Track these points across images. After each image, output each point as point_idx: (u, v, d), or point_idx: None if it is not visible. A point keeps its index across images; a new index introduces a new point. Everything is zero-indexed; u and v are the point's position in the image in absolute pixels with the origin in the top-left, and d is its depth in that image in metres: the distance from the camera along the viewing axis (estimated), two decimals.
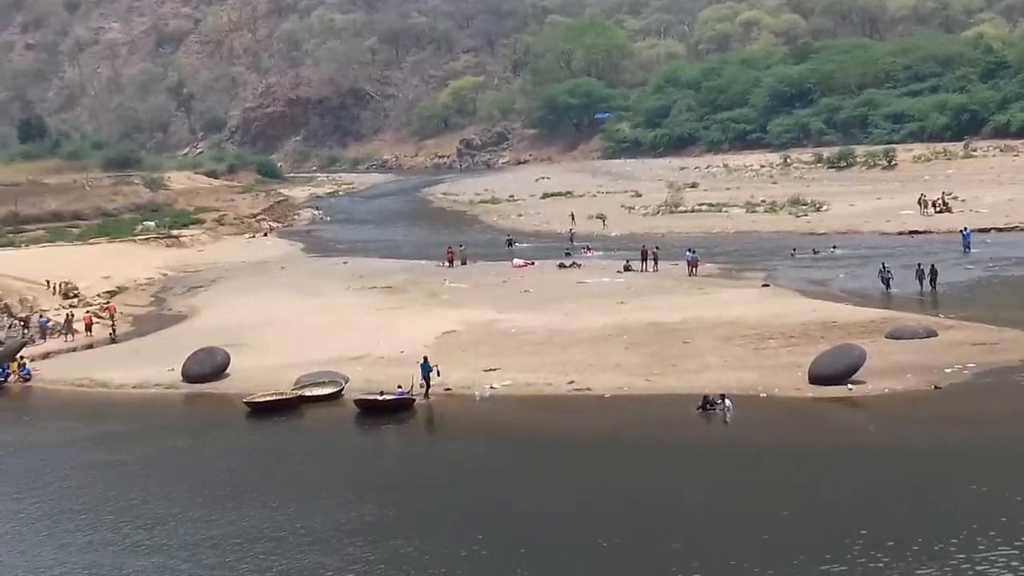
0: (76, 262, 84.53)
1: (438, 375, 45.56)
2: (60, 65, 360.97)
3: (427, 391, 45.23)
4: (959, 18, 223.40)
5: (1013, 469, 33.58)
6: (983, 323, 51.62)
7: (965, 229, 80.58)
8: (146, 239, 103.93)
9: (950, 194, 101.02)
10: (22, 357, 55.09)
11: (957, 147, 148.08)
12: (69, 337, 62.84)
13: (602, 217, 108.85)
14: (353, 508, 33.07)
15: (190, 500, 34.66)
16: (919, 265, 63.90)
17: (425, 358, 46.21)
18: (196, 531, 31.81)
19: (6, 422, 47.62)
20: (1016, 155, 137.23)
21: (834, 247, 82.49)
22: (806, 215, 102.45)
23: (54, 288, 74.42)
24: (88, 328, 64.37)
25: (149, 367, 52.82)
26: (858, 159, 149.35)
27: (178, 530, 32.03)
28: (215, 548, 30.44)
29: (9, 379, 53.31)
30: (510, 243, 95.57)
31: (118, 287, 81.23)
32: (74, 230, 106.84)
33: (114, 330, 63.75)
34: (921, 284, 62.28)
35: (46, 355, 58.67)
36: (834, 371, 43.22)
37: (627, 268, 75.15)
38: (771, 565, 27.30)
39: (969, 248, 76.65)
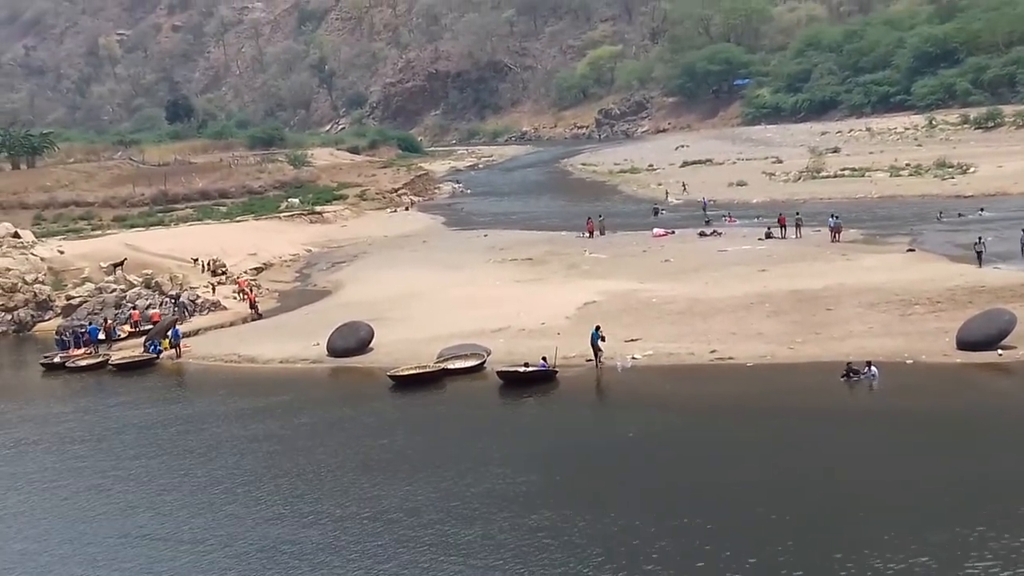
0: (223, 240, 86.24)
1: (603, 340, 45.42)
2: (205, 46, 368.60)
3: (597, 360, 45.26)
4: None
5: None
6: None
7: None
8: (290, 216, 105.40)
9: None
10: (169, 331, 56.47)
11: None
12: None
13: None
14: (503, 479, 33.34)
15: (345, 473, 35.31)
16: None
17: (597, 327, 46.08)
18: (360, 504, 32.35)
19: (162, 397, 48.90)
20: None
21: (982, 210, 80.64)
22: (952, 178, 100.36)
23: (202, 266, 76.00)
24: (242, 292, 66.41)
25: (295, 342, 53.78)
26: (1007, 119, 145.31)
27: (343, 502, 32.62)
28: (379, 520, 30.90)
29: (162, 355, 54.78)
30: (656, 212, 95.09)
31: (264, 264, 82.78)
32: (221, 208, 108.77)
33: (254, 306, 64.78)
34: None
35: (196, 332, 60.02)
36: (983, 336, 42.38)
37: (768, 235, 74.39)
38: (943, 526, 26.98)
39: None
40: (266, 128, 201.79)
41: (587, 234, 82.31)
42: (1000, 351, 41.67)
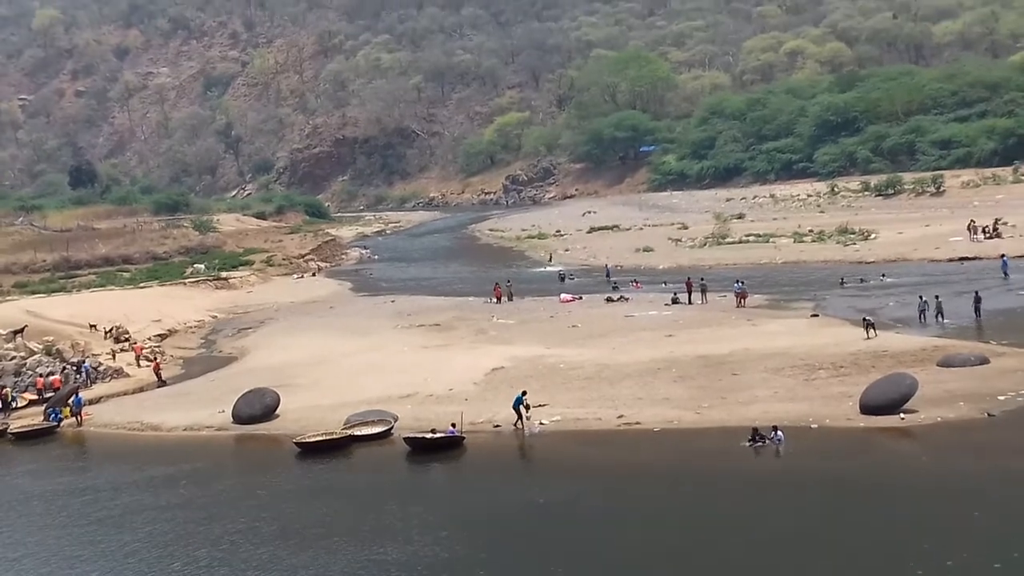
0: (127, 306, 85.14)
1: (527, 409, 45.50)
2: (110, 111, 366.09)
3: (519, 422, 45.24)
4: (1006, 43, 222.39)
5: None
6: None
7: (1004, 256, 79.98)
8: (196, 282, 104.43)
9: (1001, 220, 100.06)
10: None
11: (1006, 172, 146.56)
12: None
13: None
14: (407, 548, 32.98)
15: (243, 543, 34.71)
16: (976, 293, 63.20)
17: (524, 392, 46.23)
18: (277, 574, 31.90)
19: (67, 466, 47.96)
20: None
21: (883, 275, 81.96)
22: (854, 244, 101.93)
23: (103, 332, 74.95)
24: (138, 360, 65.56)
25: (200, 409, 53.13)
26: (906, 186, 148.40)
27: (260, 573, 32.11)
28: None
29: (62, 423, 53.85)
30: (562, 278, 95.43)
31: (168, 330, 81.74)
32: (124, 274, 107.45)
33: (158, 373, 63.85)
34: (976, 313, 61.37)
35: (98, 399, 59.05)
36: (886, 400, 42.86)
37: (675, 301, 74.92)
38: None
39: (1008, 275, 75.93)
40: (171, 193, 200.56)
41: (495, 300, 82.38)
42: (902, 415, 42.15)
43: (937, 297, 62.31)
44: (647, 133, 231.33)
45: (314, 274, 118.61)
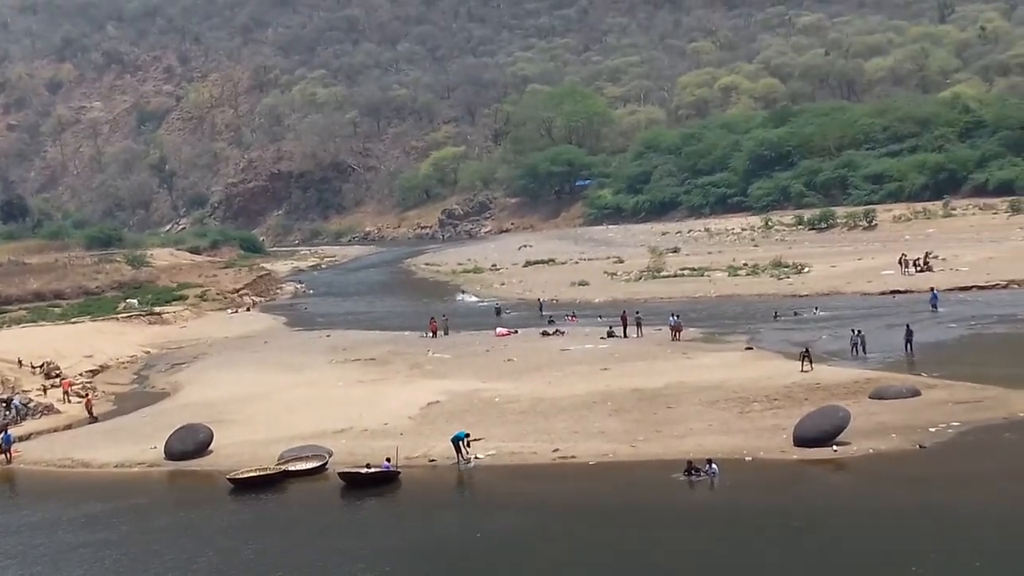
0: (58, 342, 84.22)
1: (468, 447, 45.37)
2: (42, 145, 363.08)
3: (459, 459, 44.98)
4: (935, 79, 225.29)
5: (998, 528, 33.51)
6: (966, 381, 51.56)
7: (933, 290, 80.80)
8: (129, 317, 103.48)
9: (932, 253, 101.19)
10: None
11: (937, 206, 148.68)
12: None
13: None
14: None
15: None
16: (908, 326, 63.71)
17: (467, 433, 45.97)
18: None
19: None
20: (995, 213, 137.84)
21: (816, 309, 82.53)
22: (788, 277, 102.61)
23: (34, 368, 74.06)
24: (69, 396, 64.90)
25: (132, 445, 52.55)
26: (839, 220, 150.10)
27: None
28: None
29: None
30: (498, 312, 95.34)
31: (100, 366, 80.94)
32: (56, 309, 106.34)
33: (89, 409, 63.09)
34: (908, 347, 61.80)
35: (28, 436, 58.26)
36: (819, 433, 43.13)
37: (610, 334, 75.09)
38: None
39: (936, 308, 76.67)
40: (104, 228, 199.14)
41: (430, 334, 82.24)
42: (835, 447, 42.45)
43: (860, 331, 62.88)
44: (583, 167, 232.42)
45: (248, 309, 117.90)
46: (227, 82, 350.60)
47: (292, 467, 46.24)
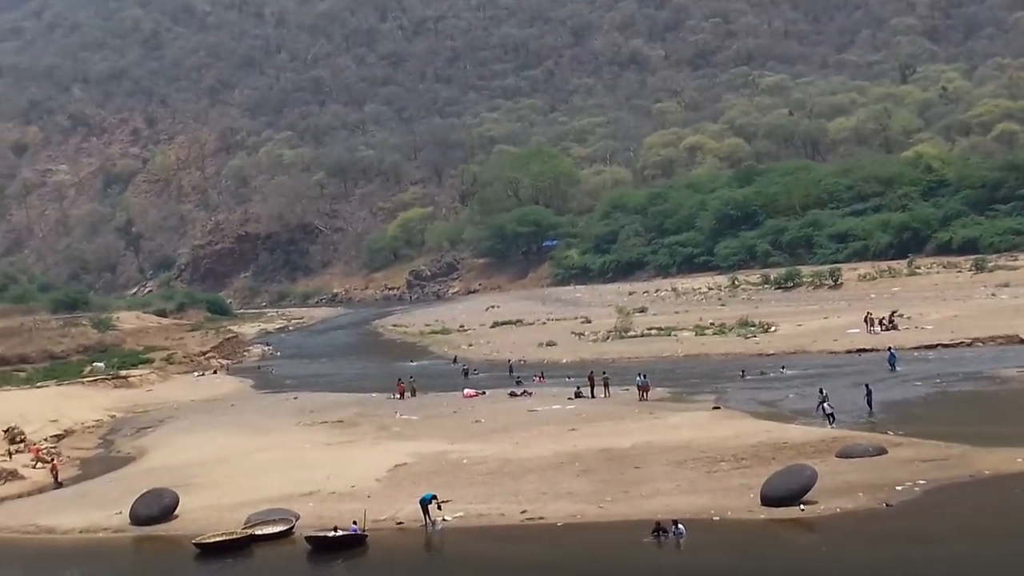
0: (22, 406, 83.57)
1: (439, 508, 45.13)
2: (7, 208, 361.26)
3: (427, 521, 44.58)
4: (898, 139, 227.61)
5: None
6: (932, 439, 51.69)
7: (891, 348, 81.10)
8: (94, 380, 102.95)
9: (897, 312, 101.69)
10: None
11: (901, 265, 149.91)
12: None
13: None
14: None
15: None
16: (867, 385, 63.89)
17: (434, 495, 45.48)
18: None
19: None
20: (959, 271, 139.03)
21: (783, 368, 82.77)
22: (755, 336, 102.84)
23: None
24: (38, 460, 64.30)
25: (97, 511, 52.07)
26: (804, 279, 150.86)
27: None
28: None
29: None
30: (466, 373, 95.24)
31: (66, 430, 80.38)
32: (21, 374, 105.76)
33: (55, 475, 62.68)
34: (870, 405, 62.00)
35: None
36: (786, 492, 43.15)
37: (578, 395, 75.12)
38: None
39: (895, 367, 76.99)
40: (70, 291, 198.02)
41: (398, 395, 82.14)
42: (802, 506, 42.45)
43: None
44: (550, 228, 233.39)
45: (215, 372, 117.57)
46: (194, 144, 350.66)
47: (259, 531, 45.84)
